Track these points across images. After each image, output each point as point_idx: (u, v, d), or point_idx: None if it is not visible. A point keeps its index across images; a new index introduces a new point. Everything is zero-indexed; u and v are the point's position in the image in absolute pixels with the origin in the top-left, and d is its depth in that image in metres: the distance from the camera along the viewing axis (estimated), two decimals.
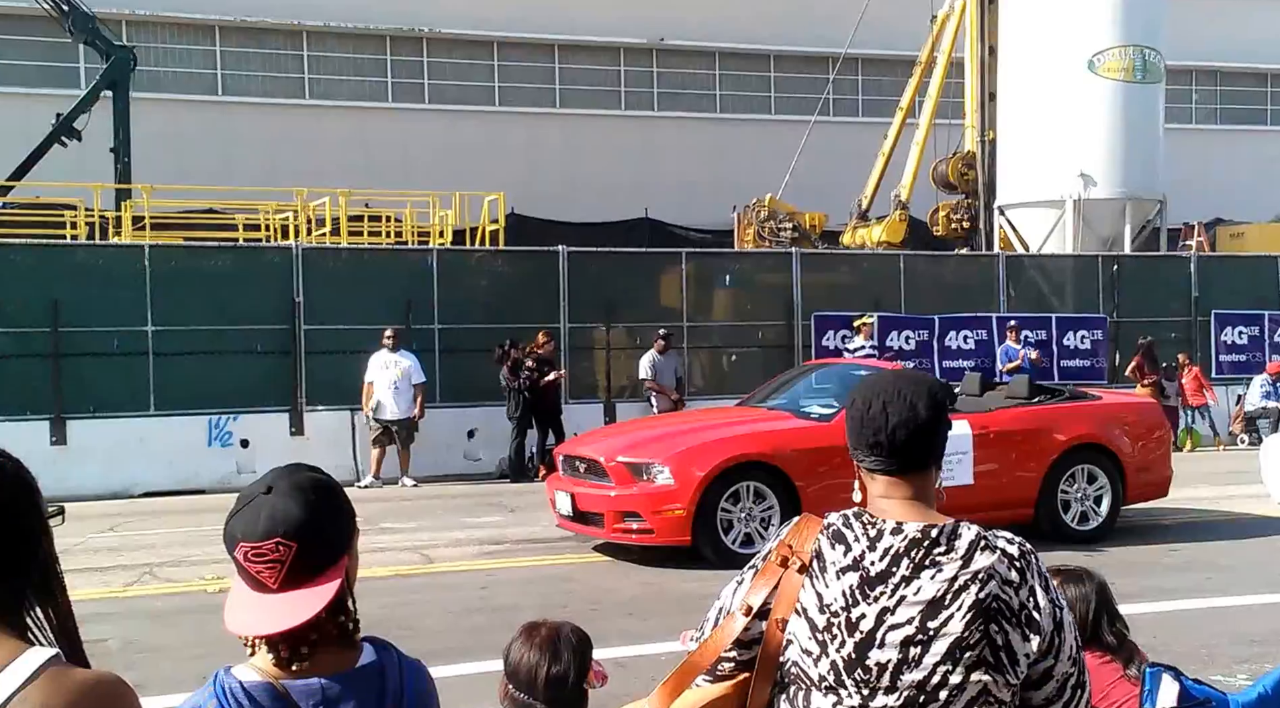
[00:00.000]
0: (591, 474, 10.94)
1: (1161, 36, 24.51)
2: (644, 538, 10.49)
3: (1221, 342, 21.02)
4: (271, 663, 2.03)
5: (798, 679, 2.27)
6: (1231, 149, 35.15)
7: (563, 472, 11.46)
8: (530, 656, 3.08)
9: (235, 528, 2.03)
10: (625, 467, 10.65)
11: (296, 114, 30.43)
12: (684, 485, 10.36)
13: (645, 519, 10.42)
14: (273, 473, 2.10)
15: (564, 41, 32.38)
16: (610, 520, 10.58)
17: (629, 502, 10.50)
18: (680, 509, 10.32)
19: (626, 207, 29.66)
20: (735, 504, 10.50)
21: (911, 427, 2.31)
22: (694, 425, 11.78)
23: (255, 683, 2.02)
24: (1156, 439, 12.11)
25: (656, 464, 10.52)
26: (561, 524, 11.29)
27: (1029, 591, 2.22)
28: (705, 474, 10.38)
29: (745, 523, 10.51)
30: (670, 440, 10.99)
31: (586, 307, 18.03)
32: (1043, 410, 11.78)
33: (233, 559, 2.04)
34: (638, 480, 10.54)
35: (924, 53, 27.50)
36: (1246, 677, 6.15)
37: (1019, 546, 2.26)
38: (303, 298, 16.51)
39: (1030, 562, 2.25)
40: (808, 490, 10.46)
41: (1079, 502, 11.48)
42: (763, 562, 2.36)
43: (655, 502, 10.39)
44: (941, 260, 22.25)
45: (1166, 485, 12.11)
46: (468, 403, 17.20)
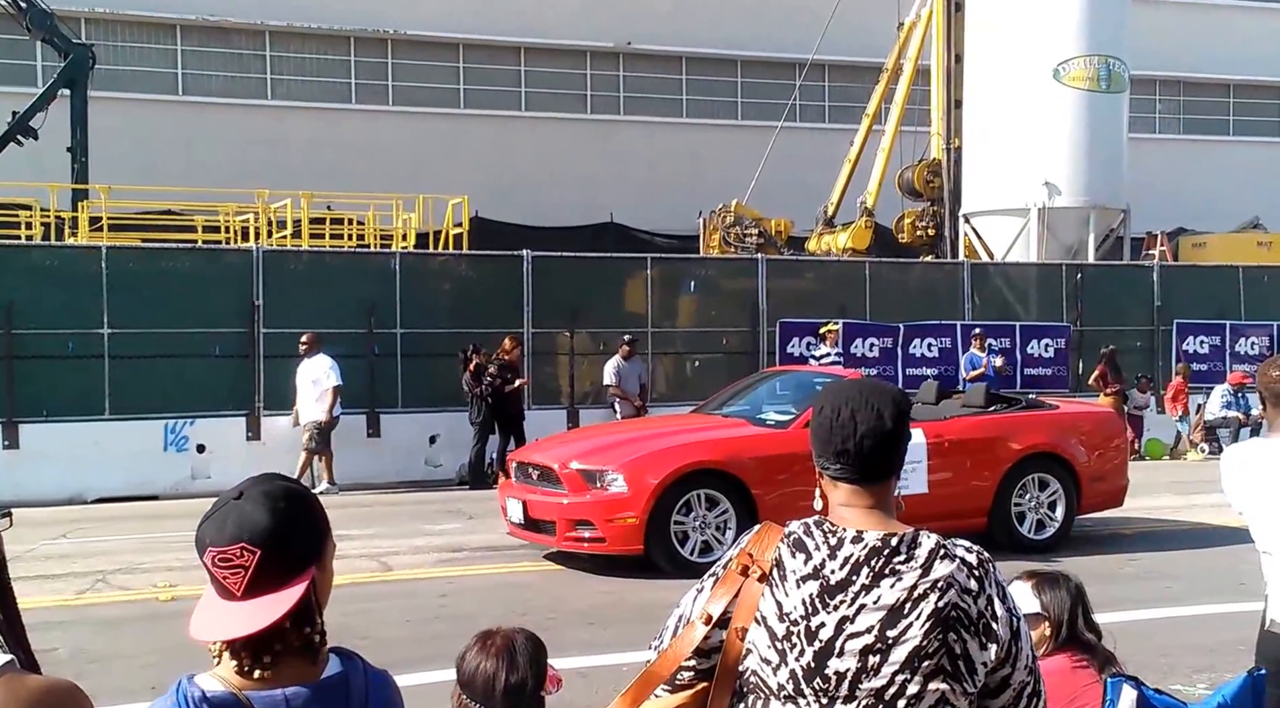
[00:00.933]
0: (544, 481, 10.80)
1: (1126, 46, 24.66)
2: (596, 547, 10.36)
3: (1183, 351, 21.13)
4: (234, 673, 2.02)
5: (756, 689, 2.28)
6: (1194, 159, 35.45)
7: (515, 479, 11.29)
8: (487, 665, 3.01)
9: (205, 533, 2.03)
10: (578, 474, 10.51)
11: (259, 115, 30.17)
12: (637, 493, 10.23)
13: (598, 528, 10.29)
14: (247, 480, 2.09)
15: (530, 44, 32.28)
16: (562, 529, 10.45)
17: (581, 510, 10.37)
18: (633, 517, 10.20)
19: (592, 211, 29.58)
20: (690, 513, 10.40)
21: (879, 435, 2.32)
22: (649, 432, 11.69)
23: (217, 693, 2.00)
24: (1113, 449, 12.12)
25: (610, 471, 10.40)
26: (513, 532, 11.15)
27: (987, 599, 2.24)
28: (659, 482, 10.27)
29: (700, 531, 10.42)
30: (624, 447, 10.88)
31: (550, 311, 17.94)
32: (998, 419, 11.75)
33: (203, 564, 2.03)
34: (591, 488, 10.41)
35: (890, 60, 27.56)
36: (1206, 686, 6.13)
37: (977, 554, 2.29)
38: (262, 301, 16.34)
39: (988, 570, 2.27)
40: (764, 498, 10.40)
41: (1033, 511, 11.46)
42: (723, 570, 2.36)
43: (608, 510, 10.26)
44: (907, 268, 22.31)
45: (1122, 495, 12.10)
46: (430, 408, 17.07)
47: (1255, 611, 4.65)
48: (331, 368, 15.51)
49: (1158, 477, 17.14)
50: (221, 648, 2.03)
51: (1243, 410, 19.04)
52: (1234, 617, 8.18)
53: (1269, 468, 4.51)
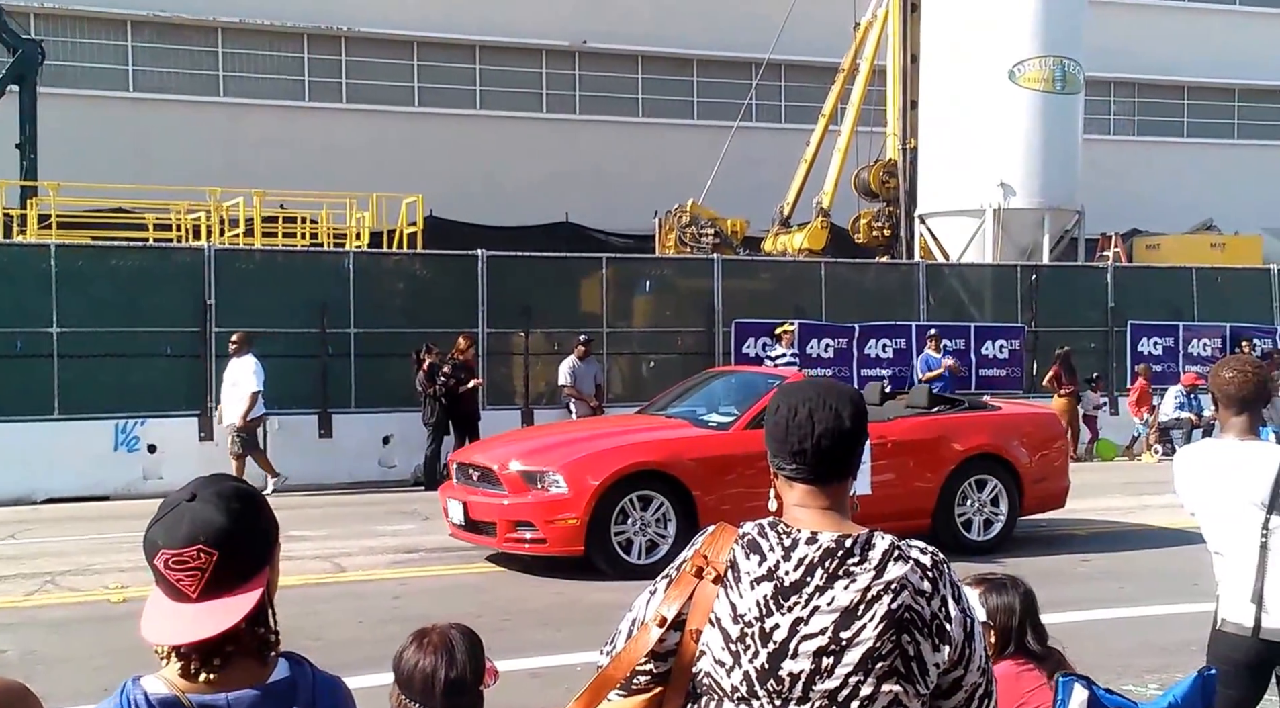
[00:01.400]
0: (485, 482, 10.74)
1: (1081, 48, 24.83)
2: (537, 548, 10.30)
3: (1137, 352, 21.30)
4: (179, 674, 2.00)
5: (710, 690, 2.27)
6: (1148, 160, 35.79)
7: (456, 480, 11.22)
8: (425, 662, 2.95)
9: (156, 535, 2.01)
10: (519, 475, 10.46)
11: (211, 112, 29.84)
12: (578, 494, 10.17)
13: (538, 529, 10.23)
14: (196, 481, 2.07)
15: (485, 43, 32.14)
16: (503, 530, 10.37)
17: (522, 511, 10.31)
18: (574, 519, 10.14)
19: (547, 210, 29.50)
20: (631, 514, 10.33)
21: (836, 435, 2.31)
22: (590, 433, 11.66)
23: (161, 696, 1.98)
24: (1055, 450, 12.14)
25: (550, 472, 10.35)
26: (454, 534, 11.07)
27: (941, 601, 2.24)
28: (599, 483, 10.21)
29: (640, 533, 10.36)
30: (565, 448, 10.83)
31: (505, 311, 17.86)
32: (941, 420, 11.78)
33: (152, 568, 2.01)
34: (531, 489, 10.36)
35: (847, 60, 27.64)
36: (1157, 686, 6.15)
37: (932, 556, 2.28)
38: (214, 300, 16.17)
39: (943, 572, 2.27)
40: (704, 500, 10.37)
41: (976, 512, 11.49)
42: (677, 572, 2.35)
43: (548, 511, 10.20)
44: (862, 268, 22.38)
45: (1064, 496, 12.13)
46: (383, 408, 16.96)
47: (1208, 611, 4.68)
48: (255, 371, 15.09)
49: (1112, 478, 17.28)
50: (169, 650, 2.01)
51: (1195, 412, 19.21)
52: (1187, 617, 8.23)
53: (1220, 469, 4.53)
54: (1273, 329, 22.00)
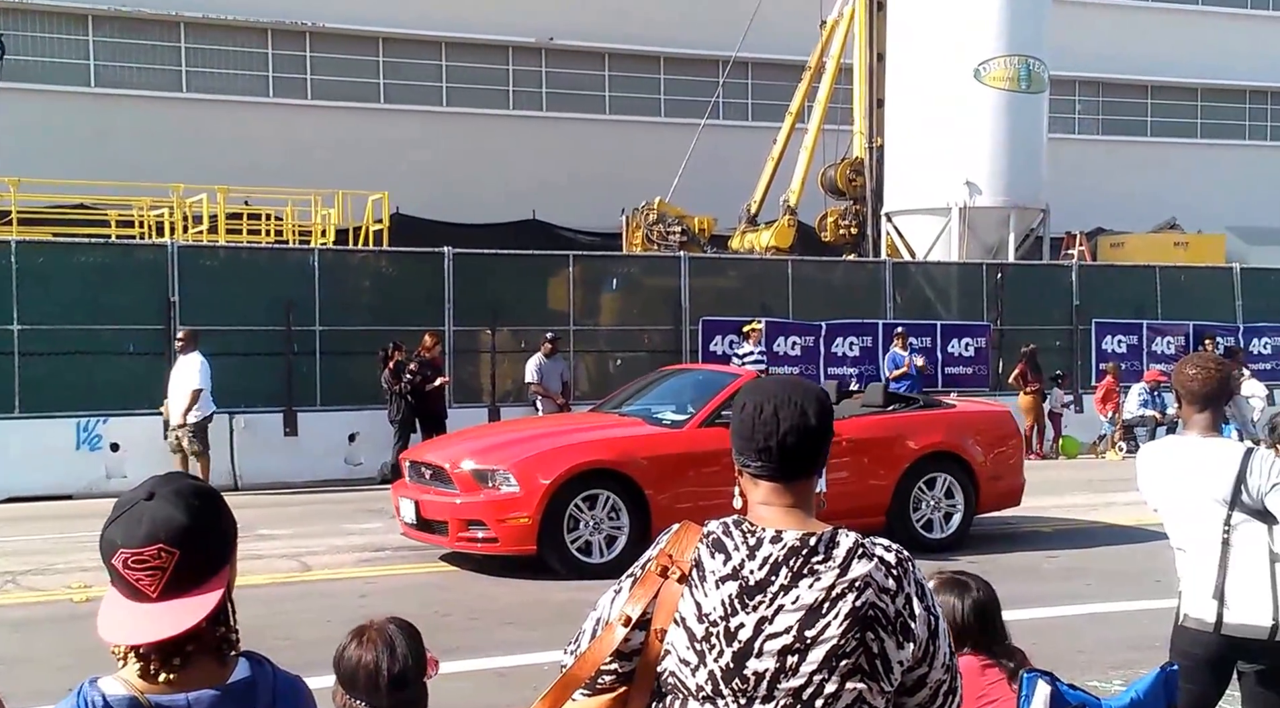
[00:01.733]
0: (437, 481, 10.66)
1: (1046, 47, 24.95)
2: (489, 547, 10.26)
3: (1101, 350, 21.43)
4: (138, 675, 1.98)
5: (675, 689, 2.27)
6: (1113, 159, 36.02)
7: (409, 478, 11.13)
8: (367, 658, 2.94)
9: (114, 534, 1.99)
10: (470, 474, 10.39)
11: (174, 108, 29.54)
12: (529, 493, 10.11)
13: (490, 528, 10.17)
14: (152, 480, 2.05)
15: (451, 39, 31.98)
16: (454, 529, 10.31)
17: (474, 510, 10.24)
18: (526, 518, 10.07)
19: (514, 208, 29.41)
20: (583, 513, 10.28)
21: (802, 432, 2.31)
22: (543, 431, 11.61)
23: (119, 697, 1.96)
24: (1010, 448, 12.14)
25: (502, 471, 10.28)
26: (406, 533, 11.00)
27: (905, 598, 2.24)
28: (551, 482, 10.16)
29: (593, 532, 10.30)
30: (517, 447, 10.78)
31: (472, 309, 17.80)
32: (896, 419, 11.77)
33: (109, 567, 1.99)
34: (483, 488, 10.29)
35: (813, 58, 27.69)
36: (1122, 682, 6.15)
37: (896, 553, 2.28)
38: (178, 297, 16.04)
39: (907, 569, 2.27)
40: (657, 498, 10.32)
41: (931, 510, 11.50)
42: (641, 571, 2.34)
43: (500, 510, 10.13)
44: (829, 266, 22.42)
45: (1019, 494, 12.15)
46: (350, 406, 16.87)
47: (1172, 607, 4.70)
48: (201, 368, 14.82)
49: (1077, 475, 17.38)
50: (126, 650, 1.99)
51: (1159, 409, 19.34)
52: (1151, 613, 8.29)
53: (1183, 466, 4.56)
54: (1235, 327, 22.19)
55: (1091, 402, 20.56)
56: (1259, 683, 4.59)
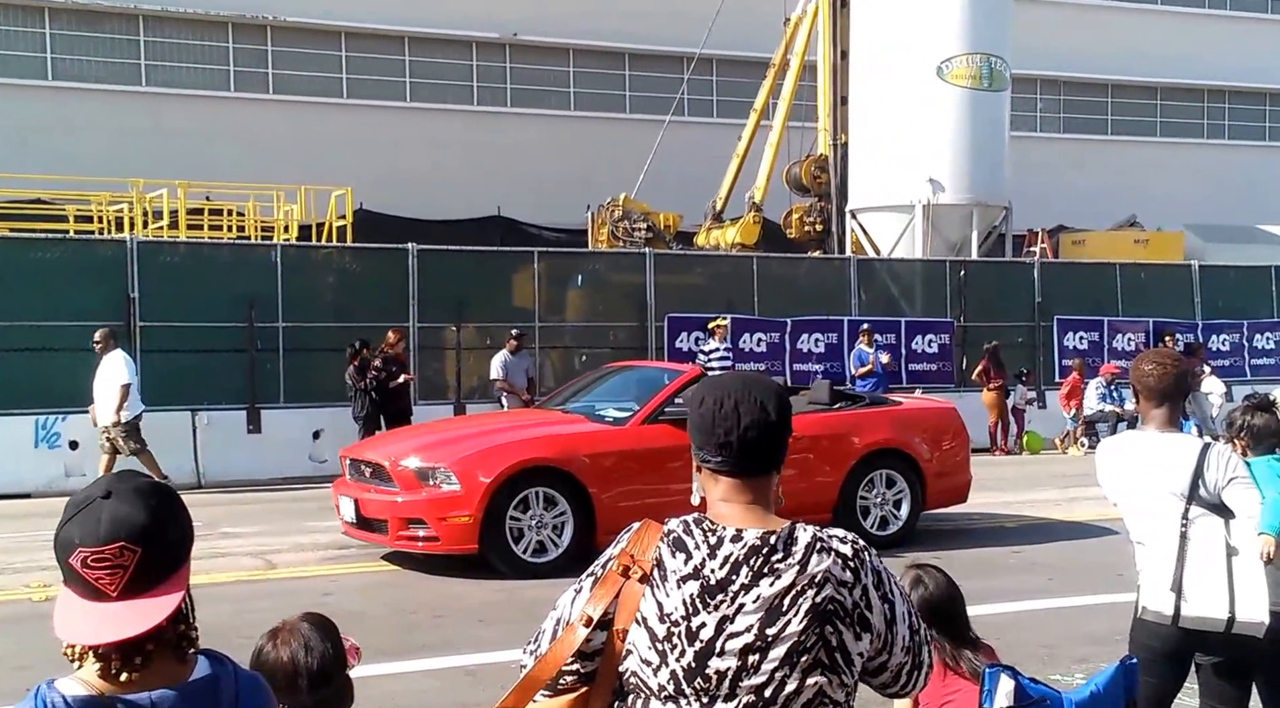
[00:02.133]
0: (377, 479, 10.51)
1: (1008, 45, 25.12)
2: (430, 546, 10.15)
3: (1063, 346, 21.59)
4: (98, 675, 1.95)
5: (637, 689, 2.27)
6: (1074, 157, 36.28)
7: (350, 476, 10.97)
8: (284, 656, 2.93)
9: (72, 533, 1.96)
10: (411, 472, 10.25)
11: (133, 102, 29.26)
12: (470, 491, 10.00)
13: (431, 526, 10.03)
14: (108, 478, 2.04)
15: (414, 34, 31.83)
16: (394, 527, 10.17)
17: (414, 508, 10.10)
18: (467, 516, 9.95)
19: (479, 204, 29.31)
20: (525, 511, 10.17)
21: (762, 427, 2.31)
22: (485, 429, 11.44)
23: (80, 697, 1.94)
24: (956, 445, 12.13)
25: (442, 469, 10.15)
26: (347, 531, 10.88)
27: (862, 589, 2.26)
28: (492, 480, 10.04)
29: (536, 531, 10.18)
30: (458, 444, 10.62)
31: (437, 306, 17.74)
32: (841, 416, 11.68)
33: (65, 567, 1.96)
34: (423, 486, 10.15)
35: (778, 55, 27.75)
36: (1083, 676, 6.20)
37: (852, 545, 2.29)
38: (138, 293, 15.89)
39: (864, 560, 2.28)
40: (600, 497, 10.24)
41: (878, 507, 11.49)
42: (603, 570, 2.33)
43: (441, 508, 10.01)
44: (794, 263, 22.45)
45: (966, 491, 12.16)
46: (314, 403, 16.76)
47: (1132, 601, 4.74)
48: (125, 364, 14.62)
49: (1040, 470, 17.51)
50: (83, 650, 1.96)
51: (1117, 403, 19.52)
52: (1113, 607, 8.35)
53: (1142, 460, 4.60)
54: (1194, 324, 22.40)
55: (1054, 398, 20.69)
56: (1216, 675, 4.65)
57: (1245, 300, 23.07)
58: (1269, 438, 4.63)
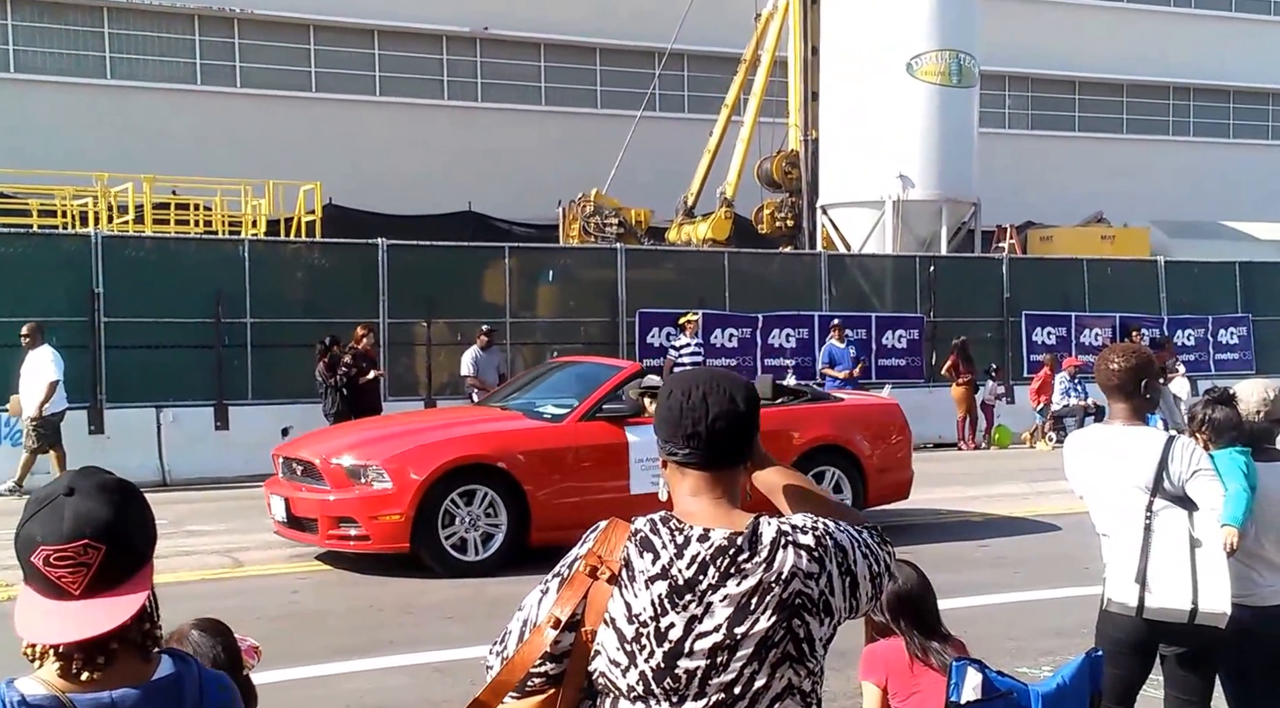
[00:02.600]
0: (308, 477, 10.32)
1: (976, 42, 25.24)
2: (361, 545, 9.97)
3: (1032, 341, 21.69)
4: (59, 674, 1.93)
5: (606, 689, 2.27)
6: (1042, 154, 36.49)
7: (282, 474, 10.73)
8: None
9: (34, 530, 1.93)
10: (342, 469, 10.08)
11: (98, 95, 29.02)
12: (402, 489, 9.82)
13: (362, 525, 9.86)
14: (69, 475, 2.01)
15: (384, 27, 31.69)
16: (325, 526, 9.98)
17: (345, 507, 9.92)
18: (398, 514, 9.77)
19: (450, 199, 29.20)
20: (459, 509, 9.99)
21: (731, 418, 2.31)
22: (420, 426, 11.29)
23: (40, 697, 1.91)
24: (898, 441, 12.05)
25: (374, 467, 9.97)
26: (278, 531, 10.72)
27: (827, 577, 2.25)
28: (424, 478, 9.87)
29: (469, 529, 10.00)
30: (391, 442, 10.46)
31: (407, 301, 17.66)
32: (781, 412, 11.37)
33: (26, 565, 1.95)
34: (355, 484, 9.99)
35: (749, 51, 27.78)
36: (1050, 668, 6.23)
37: (814, 534, 2.28)
38: (103, 289, 15.74)
39: (827, 546, 2.27)
40: (536, 495, 10.08)
41: None
42: (569, 571, 2.31)
43: (372, 507, 9.83)
44: (766, 259, 22.48)
45: (907, 487, 12.09)
46: (282, 400, 16.65)
47: (1098, 594, 4.76)
48: (53, 360, 14.42)
49: (1008, 465, 17.58)
50: (44, 649, 1.93)
51: (1082, 397, 19.65)
52: (1079, 600, 8.40)
53: (1107, 454, 4.64)
54: (1160, 319, 22.55)
55: (1023, 392, 20.76)
56: (1179, 665, 4.69)
57: (1210, 296, 23.25)
58: (1230, 431, 4.66)
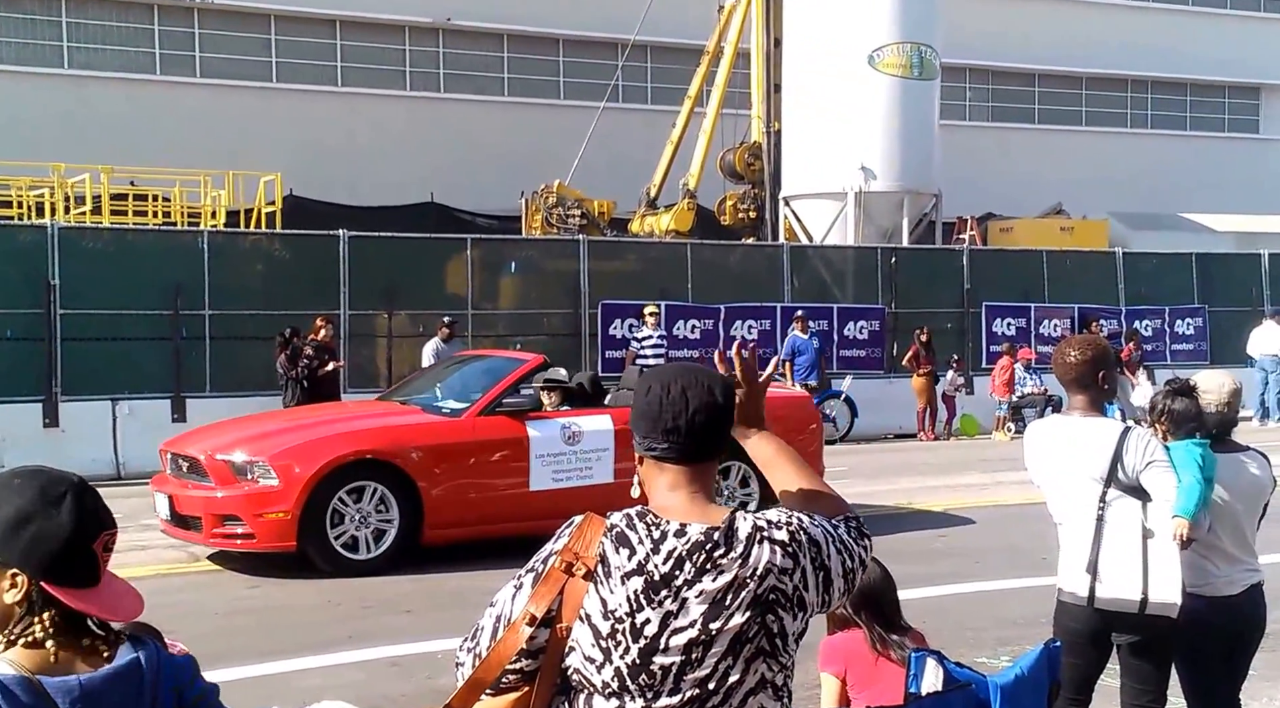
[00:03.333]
0: (194, 473, 10.03)
1: (937, 35, 25.34)
2: (247, 544, 9.70)
3: (991, 332, 21.81)
4: (27, 658, 1.99)
5: (580, 686, 2.27)
6: (1002, 146, 36.67)
7: (169, 471, 10.41)
8: None
9: (88, 518, 2.03)
10: (226, 465, 9.78)
11: (55, 84, 28.65)
12: (289, 486, 9.56)
13: (247, 523, 9.58)
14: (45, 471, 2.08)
15: (346, 17, 31.45)
16: (209, 525, 9.69)
17: (229, 504, 9.63)
18: (284, 512, 9.50)
19: (412, 190, 29.04)
20: (348, 506, 9.72)
21: (711, 411, 2.34)
22: (311, 421, 11.00)
23: (10, 677, 1.96)
24: (808, 434, 11.77)
25: (260, 463, 9.70)
26: (165, 529, 10.46)
27: (801, 573, 2.27)
28: (312, 474, 9.60)
29: (359, 527, 9.73)
30: (279, 437, 10.22)
31: (368, 293, 17.58)
32: None
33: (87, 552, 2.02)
34: (240, 480, 9.71)
35: (711, 42, 27.76)
36: (1008, 658, 6.28)
37: (788, 529, 2.29)
38: (59, 280, 15.58)
39: (800, 541, 2.28)
40: (430, 492, 9.83)
41: (725, 500, 11.33)
42: (544, 566, 2.31)
43: (257, 504, 9.56)
44: (728, 250, 22.50)
45: None
46: (241, 393, 16.50)
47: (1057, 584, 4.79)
48: None
49: (968, 455, 17.68)
50: (11, 635, 2.00)
51: (1038, 386, 19.81)
52: (1038, 591, 8.46)
53: (1063, 444, 4.67)
54: (1118, 309, 22.74)
55: (983, 383, 20.84)
56: (1133, 655, 4.72)
57: (1167, 287, 23.44)
58: (1189, 422, 4.68)
